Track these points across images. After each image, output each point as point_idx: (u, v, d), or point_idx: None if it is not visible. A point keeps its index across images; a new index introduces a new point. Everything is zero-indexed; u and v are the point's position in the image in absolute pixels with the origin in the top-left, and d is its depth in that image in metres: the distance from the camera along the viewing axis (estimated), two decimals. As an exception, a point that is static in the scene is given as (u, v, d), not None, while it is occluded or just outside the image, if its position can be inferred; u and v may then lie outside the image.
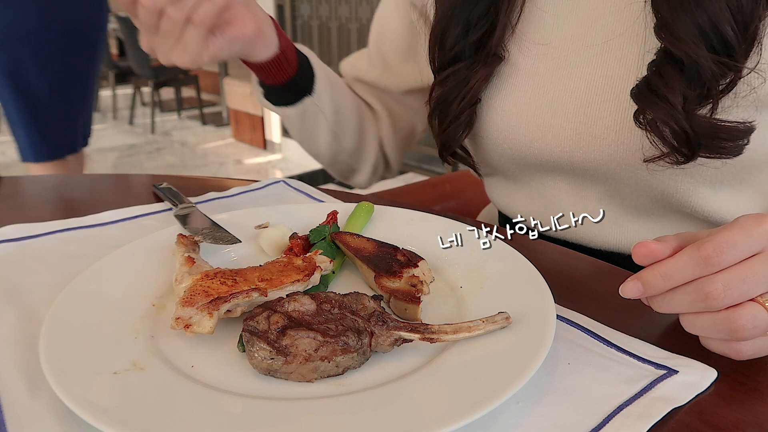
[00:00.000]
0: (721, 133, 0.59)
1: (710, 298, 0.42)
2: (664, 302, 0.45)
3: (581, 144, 0.68)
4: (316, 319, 0.46)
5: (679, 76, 0.58)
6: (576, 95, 0.68)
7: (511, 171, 0.79)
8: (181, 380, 0.42)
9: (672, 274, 0.43)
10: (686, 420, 0.41)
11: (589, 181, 0.72)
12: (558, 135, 0.69)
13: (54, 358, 0.42)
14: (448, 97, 0.73)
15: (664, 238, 0.45)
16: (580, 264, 0.65)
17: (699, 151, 0.60)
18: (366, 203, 0.68)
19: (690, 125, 0.58)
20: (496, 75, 0.73)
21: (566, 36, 0.69)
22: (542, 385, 0.43)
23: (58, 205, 0.81)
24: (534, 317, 0.47)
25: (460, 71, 0.72)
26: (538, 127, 0.70)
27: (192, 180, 0.88)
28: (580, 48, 0.68)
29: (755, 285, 0.41)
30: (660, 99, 0.59)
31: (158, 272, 0.56)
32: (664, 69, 0.59)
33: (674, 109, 0.58)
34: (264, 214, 0.68)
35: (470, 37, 0.70)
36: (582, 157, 0.69)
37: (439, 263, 0.59)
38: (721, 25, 0.56)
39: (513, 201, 0.83)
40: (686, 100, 0.58)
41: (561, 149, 0.70)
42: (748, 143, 0.61)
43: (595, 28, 0.67)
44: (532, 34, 0.71)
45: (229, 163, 4.68)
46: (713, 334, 0.44)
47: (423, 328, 0.46)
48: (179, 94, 5.85)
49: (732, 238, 0.42)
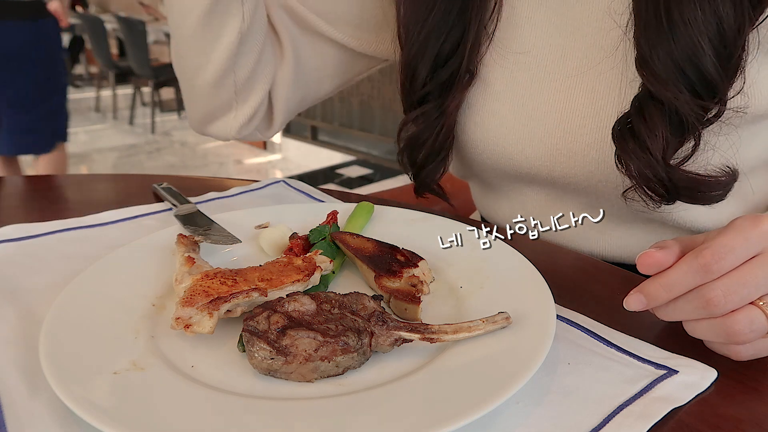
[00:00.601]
0: (701, 186, 0.59)
1: (711, 305, 0.42)
2: (667, 311, 0.45)
3: (561, 159, 0.67)
4: (316, 319, 0.46)
5: (663, 119, 0.56)
6: (556, 109, 0.66)
7: (492, 180, 0.78)
8: (181, 380, 0.42)
9: (673, 284, 0.43)
10: (686, 420, 0.41)
11: (569, 194, 0.71)
12: (537, 149, 0.68)
13: (54, 358, 0.42)
14: (421, 136, 0.71)
15: (665, 244, 0.45)
16: (580, 264, 0.65)
17: (679, 198, 0.60)
18: (366, 203, 0.68)
19: (670, 178, 0.58)
20: (473, 88, 0.71)
21: (544, 45, 0.67)
22: (542, 385, 0.43)
23: (58, 205, 0.81)
24: (534, 317, 0.47)
25: (430, 112, 0.70)
26: (518, 140, 0.69)
27: (192, 180, 0.88)
28: (559, 59, 0.66)
29: (755, 288, 0.41)
30: (640, 148, 0.57)
31: (158, 272, 0.56)
32: (647, 108, 0.57)
33: (654, 160, 0.57)
34: (264, 214, 0.68)
35: (440, 76, 0.68)
36: (562, 172, 0.68)
37: (439, 263, 0.59)
38: (700, 59, 0.53)
39: (494, 209, 0.82)
40: (667, 145, 0.57)
41: (541, 163, 0.68)
42: (731, 190, 0.60)
43: (575, 39, 0.65)
44: (509, 41, 0.69)
45: (229, 163, 4.68)
46: (713, 338, 0.44)
47: (423, 328, 0.46)
48: (179, 93, 5.84)
49: (730, 243, 0.42)
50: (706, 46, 0.53)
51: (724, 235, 0.42)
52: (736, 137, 0.61)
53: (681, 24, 0.53)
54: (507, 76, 0.69)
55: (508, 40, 0.69)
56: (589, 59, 0.64)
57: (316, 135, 4.83)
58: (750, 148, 0.64)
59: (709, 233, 0.46)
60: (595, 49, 0.64)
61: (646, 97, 0.58)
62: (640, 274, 0.46)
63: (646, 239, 0.72)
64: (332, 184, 4.08)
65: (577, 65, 0.65)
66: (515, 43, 0.69)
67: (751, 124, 0.62)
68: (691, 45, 0.54)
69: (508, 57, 0.69)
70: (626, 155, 0.59)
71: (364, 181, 4.14)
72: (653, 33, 0.55)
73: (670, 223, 0.68)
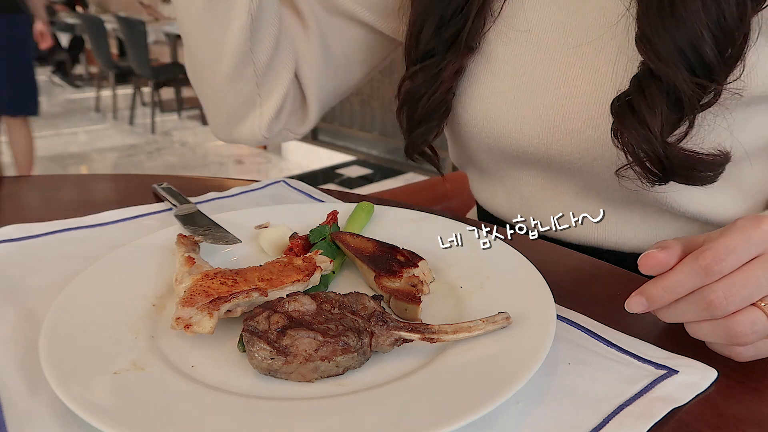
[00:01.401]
0: (697, 164, 0.59)
1: (713, 306, 0.42)
2: (669, 313, 0.45)
3: (558, 137, 0.68)
4: (316, 319, 0.46)
5: (662, 97, 0.57)
6: (555, 86, 0.67)
7: (488, 164, 0.78)
8: (181, 380, 0.42)
9: (674, 286, 0.43)
10: (686, 420, 0.41)
11: (564, 175, 0.72)
12: (536, 126, 0.69)
13: (54, 358, 0.42)
14: (417, 92, 0.72)
15: (666, 245, 0.45)
16: (580, 264, 0.65)
17: (673, 178, 0.60)
18: (366, 203, 0.68)
19: (666, 154, 0.58)
20: (474, 62, 0.72)
21: (547, 23, 0.68)
22: (542, 385, 0.43)
23: (58, 205, 0.81)
24: (534, 317, 0.47)
25: (430, 66, 0.71)
26: (517, 117, 0.69)
27: (192, 180, 0.88)
28: (561, 37, 0.67)
29: (757, 289, 0.41)
30: (639, 123, 0.58)
31: (158, 272, 0.56)
32: (647, 86, 0.58)
33: (652, 136, 0.57)
34: (264, 214, 0.68)
35: (443, 34, 0.69)
36: (559, 150, 0.68)
37: (439, 263, 0.59)
38: (700, 45, 0.54)
39: (490, 196, 0.83)
40: (665, 123, 0.58)
41: (539, 141, 0.69)
42: (723, 172, 0.61)
43: (577, 17, 0.66)
44: (513, 19, 0.70)
45: (229, 163, 4.68)
46: (715, 340, 0.44)
47: (423, 328, 0.46)
48: (179, 94, 5.85)
49: (731, 244, 0.42)
50: (707, 34, 0.54)
51: (725, 236, 0.42)
52: (730, 119, 0.62)
53: (683, 11, 0.54)
54: (509, 53, 0.70)
55: (512, 18, 0.70)
56: (590, 36, 0.65)
57: (316, 135, 4.84)
58: (743, 133, 0.65)
59: (709, 234, 0.46)
60: (596, 27, 0.65)
61: (646, 75, 0.58)
62: (640, 273, 0.46)
63: (641, 225, 0.73)
64: (332, 184, 4.08)
65: (578, 42, 0.66)
66: (519, 20, 0.70)
67: (745, 106, 0.63)
68: (693, 31, 0.54)
69: (510, 35, 0.70)
70: (625, 130, 0.59)
71: (364, 181, 4.14)
72: (655, 15, 0.56)
73: (664, 208, 0.69)
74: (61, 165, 4.48)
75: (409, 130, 0.75)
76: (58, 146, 4.94)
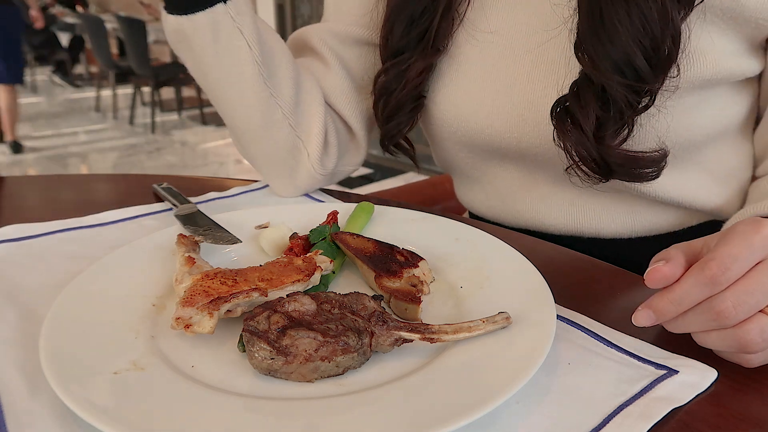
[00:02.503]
0: (636, 163, 0.62)
1: (722, 316, 0.42)
2: (677, 325, 0.45)
3: (527, 129, 0.70)
4: (316, 319, 0.46)
5: (597, 102, 0.59)
6: (520, 81, 0.70)
7: (467, 164, 0.81)
8: (181, 380, 0.42)
9: (681, 298, 0.43)
10: (686, 420, 0.41)
11: (538, 166, 0.74)
12: (506, 121, 0.71)
13: (54, 358, 0.42)
14: (389, 87, 0.75)
15: (669, 256, 0.45)
16: (580, 264, 0.65)
17: (613, 176, 0.63)
18: (366, 203, 0.68)
19: (601, 155, 0.61)
20: (446, 64, 0.75)
21: (510, 24, 0.71)
22: (542, 385, 0.43)
23: (58, 205, 0.81)
24: (534, 317, 0.47)
25: (400, 63, 0.74)
26: (487, 114, 0.72)
27: (192, 180, 0.88)
28: (524, 36, 0.70)
29: (763, 296, 0.42)
30: (574, 126, 0.61)
31: (158, 272, 0.56)
32: (584, 91, 0.61)
33: (585, 138, 0.60)
34: (264, 214, 0.68)
35: (412, 33, 0.72)
36: (529, 143, 0.71)
37: (439, 263, 0.59)
38: (633, 60, 0.57)
39: (471, 196, 0.86)
40: (601, 126, 0.60)
41: (510, 135, 0.72)
42: (665, 166, 0.63)
43: (538, 16, 0.69)
44: (479, 21, 0.73)
45: (229, 163, 4.68)
46: (725, 349, 0.44)
47: (423, 328, 0.46)
48: (179, 93, 5.85)
49: (734, 252, 0.42)
50: (638, 48, 0.57)
51: (727, 244, 0.42)
52: (669, 116, 0.64)
53: (611, 25, 0.57)
54: (477, 54, 0.73)
55: (478, 20, 0.73)
56: (550, 34, 0.68)
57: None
58: (704, 115, 0.67)
59: (707, 239, 0.46)
60: (553, 24, 0.67)
61: (583, 80, 0.61)
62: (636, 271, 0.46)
63: (616, 210, 0.76)
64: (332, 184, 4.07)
65: (540, 41, 0.69)
66: (484, 22, 0.72)
67: (699, 89, 0.64)
68: (625, 45, 0.57)
69: (478, 36, 0.73)
70: (561, 133, 0.62)
71: (364, 181, 4.14)
72: (589, 26, 0.59)
73: (637, 194, 0.72)
74: (61, 165, 4.49)
75: (383, 122, 0.78)
76: (58, 146, 4.94)
